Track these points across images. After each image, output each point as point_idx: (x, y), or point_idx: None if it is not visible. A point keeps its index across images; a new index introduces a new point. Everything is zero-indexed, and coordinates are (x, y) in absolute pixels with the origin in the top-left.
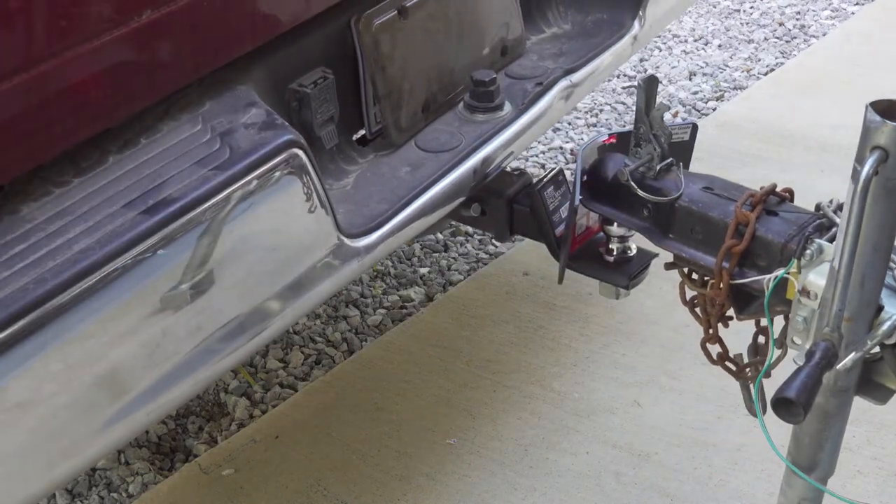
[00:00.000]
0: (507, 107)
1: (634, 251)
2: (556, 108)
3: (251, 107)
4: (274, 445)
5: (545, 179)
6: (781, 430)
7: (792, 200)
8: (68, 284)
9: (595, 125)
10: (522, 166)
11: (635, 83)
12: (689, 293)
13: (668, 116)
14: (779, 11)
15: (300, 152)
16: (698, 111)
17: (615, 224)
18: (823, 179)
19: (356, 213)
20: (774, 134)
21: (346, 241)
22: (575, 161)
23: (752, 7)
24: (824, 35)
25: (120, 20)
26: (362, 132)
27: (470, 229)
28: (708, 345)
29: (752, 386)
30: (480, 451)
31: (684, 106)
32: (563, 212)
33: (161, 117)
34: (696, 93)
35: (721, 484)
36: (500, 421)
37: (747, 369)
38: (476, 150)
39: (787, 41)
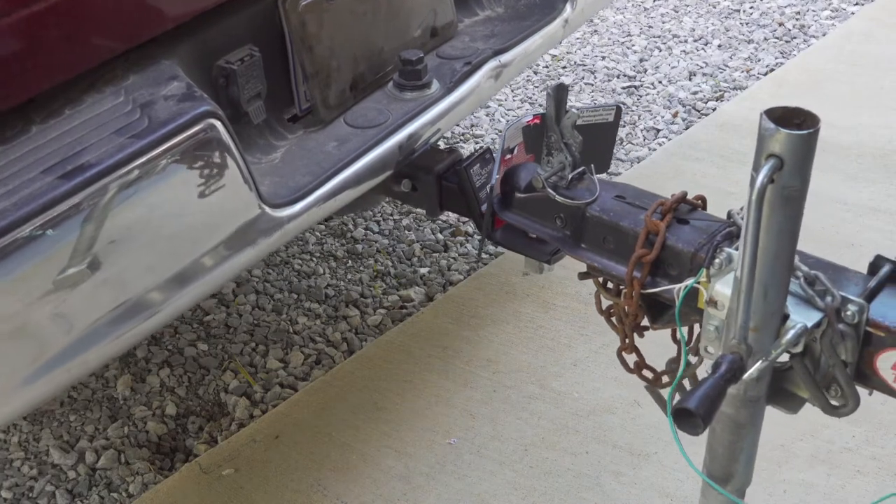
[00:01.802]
0: (435, 85)
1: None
2: (484, 87)
3: (173, 80)
4: (274, 445)
5: (472, 158)
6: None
7: (704, 208)
8: None
9: None
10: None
11: (634, 83)
12: (605, 302)
13: (599, 100)
14: (779, 11)
15: (217, 123)
16: (698, 111)
17: None
18: (823, 179)
19: (281, 185)
20: None
21: (268, 210)
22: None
23: (752, 7)
24: (824, 35)
25: None
26: (295, 110)
27: (470, 229)
28: (624, 354)
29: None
30: (480, 451)
31: (684, 106)
32: (490, 189)
33: (86, 90)
34: (696, 93)
35: None
36: (500, 421)
37: (664, 377)
38: (402, 127)
39: (787, 41)
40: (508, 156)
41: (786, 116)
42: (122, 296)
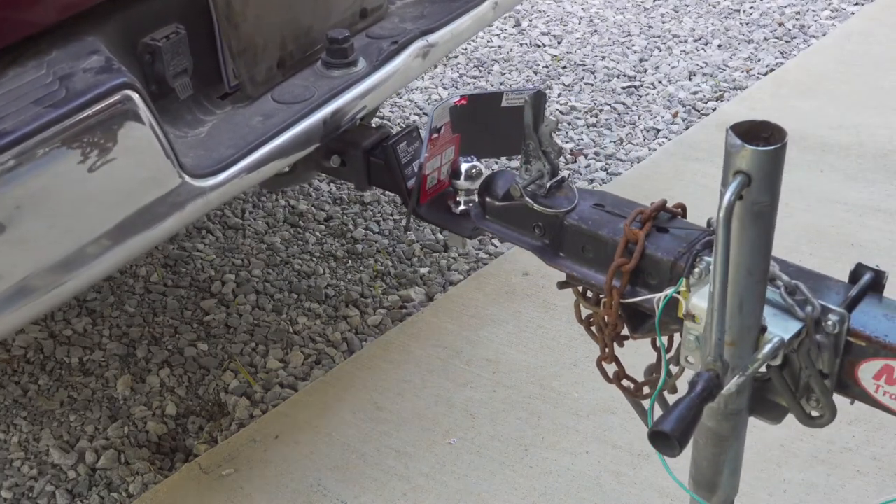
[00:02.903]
0: (362, 63)
1: None
2: (411, 66)
3: (94, 54)
4: (274, 445)
5: (399, 135)
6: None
7: (684, 216)
8: None
9: (595, 125)
10: None
11: (634, 83)
12: (585, 312)
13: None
14: (779, 11)
15: (134, 94)
16: (698, 111)
17: (462, 177)
18: (823, 179)
19: (205, 157)
20: None
21: (189, 180)
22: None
23: (752, 7)
24: (824, 35)
25: None
26: (224, 87)
27: None
28: (604, 363)
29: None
30: (480, 451)
31: (684, 106)
32: (416, 166)
33: (9, 64)
34: (696, 93)
35: None
36: (500, 421)
37: (644, 388)
38: (327, 103)
39: (787, 41)
40: (435, 135)
41: (753, 131)
42: (39, 261)
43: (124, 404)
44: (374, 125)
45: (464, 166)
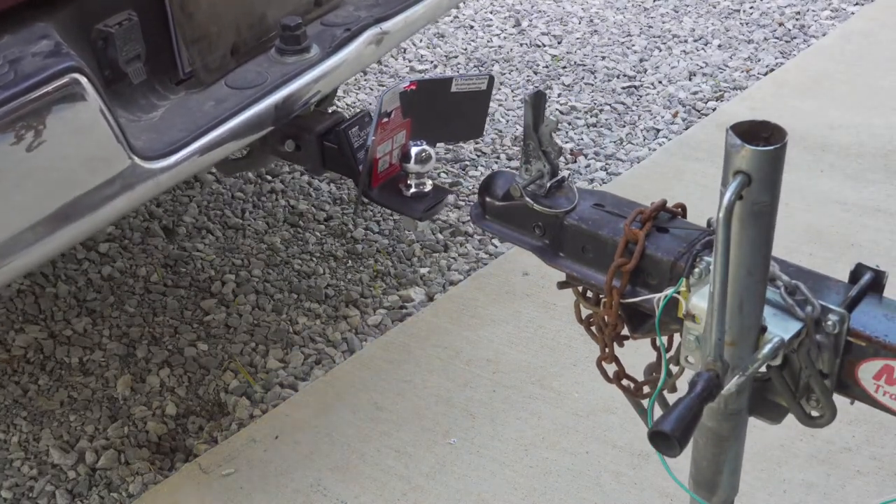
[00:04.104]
0: (315, 50)
1: (430, 187)
2: (364, 53)
3: (43, 39)
4: (274, 445)
5: (351, 120)
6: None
7: (685, 216)
8: None
9: (595, 125)
10: None
11: (634, 83)
12: (585, 312)
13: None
14: (779, 11)
15: (81, 77)
16: (698, 111)
17: (412, 161)
18: (823, 179)
19: (157, 140)
20: None
21: (139, 162)
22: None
23: (751, 7)
24: (824, 35)
25: None
26: (179, 73)
27: (470, 229)
28: (604, 363)
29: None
30: (480, 451)
31: (684, 106)
32: (366, 150)
33: None
34: (696, 93)
35: None
36: (500, 421)
37: (644, 387)
38: (278, 88)
39: (787, 41)
40: (385, 119)
41: (753, 131)
42: None
43: (124, 404)
44: (329, 111)
45: (414, 150)
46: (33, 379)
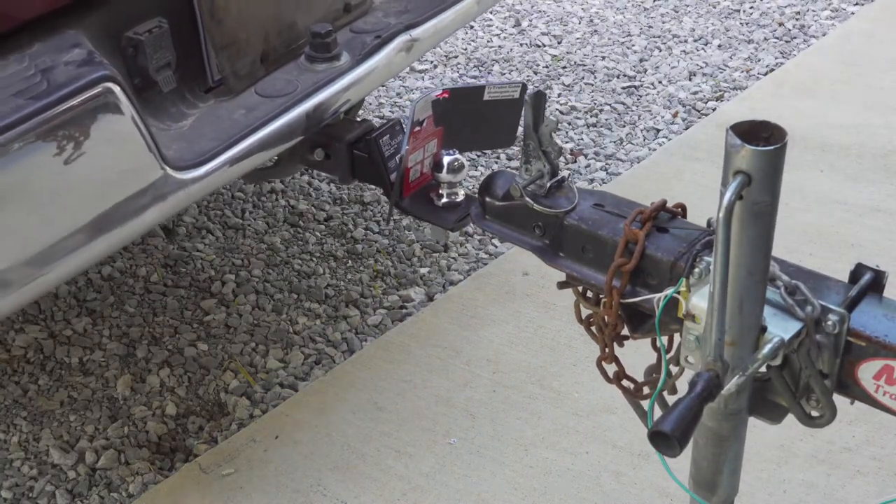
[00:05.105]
0: (345, 57)
1: (462, 197)
2: (395, 60)
3: (75, 48)
4: (274, 445)
5: (382, 128)
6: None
7: (685, 216)
8: None
9: (595, 125)
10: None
11: (634, 83)
12: (585, 312)
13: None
14: (779, 11)
15: (115, 87)
16: (698, 111)
17: (444, 170)
18: (823, 179)
19: (187, 150)
20: None
21: (171, 172)
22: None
23: (752, 7)
24: (824, 35)
25: None
26: (209, 81)
27: (470, 229)
28: (604, 363)
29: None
30: (480, 451)
31: (684, 106)
32: (399, 159)
33: None
34: (696, 93)
35: None
36: (500, 421)
37: (644, 388)
38: (310, 96)
39: (787, 41)
40: (417, 128)
41: (753, 131)
42: (19, 252)
43: (124, 404)
44: (356, 118)
45: (446, 159)
46: (33, 379)
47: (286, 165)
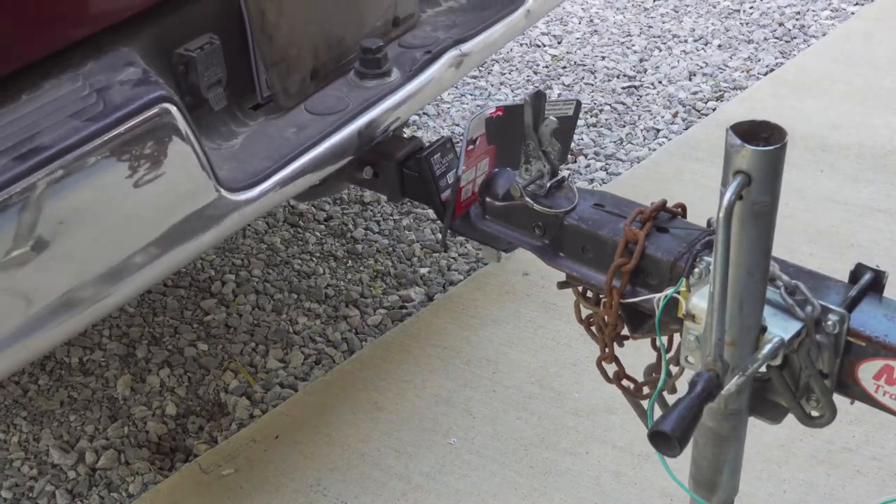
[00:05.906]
0: (396, 73)
1: None
2: (445, 75)
3: (130, 66)
4: (274, 445)
5: (433, 147)
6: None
7: (685, 216)
8: None
9: (595, 125)
10: None
11: (634, 83)
12: (585, 312)
13: (558, 93)
14: (779, 11)
15: (172, 107)
16: (698, 111)
17: None
18: (823, 179)
19: (239, 170)
20: None
21: (225, 194)
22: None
23: (751, 7)
24: (824, 35)
25: None
26: (257, 98)
27: None
28: (604, 363)
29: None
30: (480, 451)
31: (684, 106)
32: (451, 178)
33: (44, 76)
34: (696, 93)
35: None
36: (500, 421)
37: (644, 388)
38: (361, 114)
39: (787, 41)
40: (471, 146)
41: (753, 131)
42: (80, 275)
43: (124, 404)
44: (405, 136)
45: None
46: (33, 379)
47: (333, 183)
